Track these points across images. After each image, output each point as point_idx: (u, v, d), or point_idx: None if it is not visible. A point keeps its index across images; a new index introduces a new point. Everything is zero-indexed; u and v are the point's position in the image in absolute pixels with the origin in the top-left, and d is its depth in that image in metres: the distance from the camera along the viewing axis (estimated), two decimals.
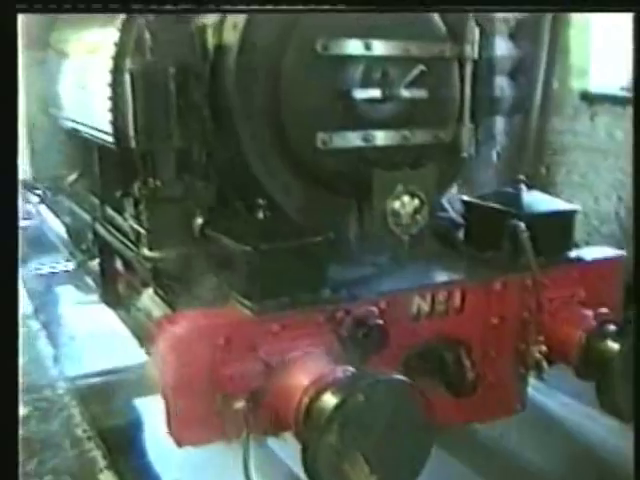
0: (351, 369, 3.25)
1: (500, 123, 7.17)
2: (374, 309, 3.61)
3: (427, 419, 3.14)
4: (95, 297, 5.83)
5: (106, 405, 5.14)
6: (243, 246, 3.52)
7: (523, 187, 4.32)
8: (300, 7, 3.15)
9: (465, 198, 4.47)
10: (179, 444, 3.38)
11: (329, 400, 3.02)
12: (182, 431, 3.35)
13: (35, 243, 8.68)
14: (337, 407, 2.97)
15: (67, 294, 7.61)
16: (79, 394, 5.06)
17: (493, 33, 6.63)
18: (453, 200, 4.65)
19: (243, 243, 3.54)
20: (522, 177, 4.39)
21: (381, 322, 3.58)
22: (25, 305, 6.46)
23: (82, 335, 6.57)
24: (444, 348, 3.85)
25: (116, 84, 4.38)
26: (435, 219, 4.22)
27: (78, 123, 5.47)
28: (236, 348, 3.32)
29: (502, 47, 6.97)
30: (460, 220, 4.53)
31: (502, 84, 7.04)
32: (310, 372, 3.23)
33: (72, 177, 6.10)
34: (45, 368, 5.33)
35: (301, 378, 3.21)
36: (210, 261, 3.80)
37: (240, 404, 3.25)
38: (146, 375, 4.27)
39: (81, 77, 5.31)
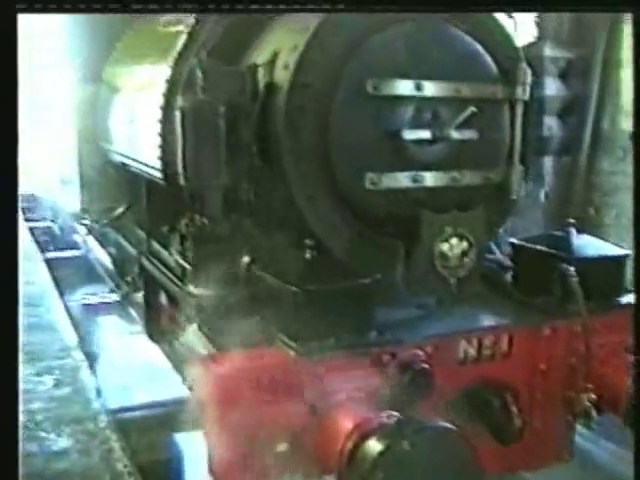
0: (396, 414, 3.20)
1: (548, 163, 7.12)
2: (420, 353, 3.56)
3: (473, 467, 3.08)
4: (139, 328, 5.85)
5: (147, 439, 5.16)
6: (289, 286, 3.51)
7: (573, 230, 4.26)
8: (299, 7, 3.18)
9: (513, 240, 4.41)
10: None
11: (374, 446, 2.98)
12: (223, 471, 3.32)
13: (81, 273, 8.80)
14: (382, 453, 2.92)
15: (111, 325, 7.66)
16: (120, 427, 5.06)
17: (543, 73, 6.63)
18: (501, 242, 4.59)
19: (289, 283, 3.53)
20: (571, 220, 4.33)
21: (427, 366, 3.52)
22: (70, 336, 6.53)
23: (125, 367, 6.58)
24: (490, 393, 3.78)
25: (166, 121, 4.43)
26: (482, 261, 4.16)
27: (127, 157, 5.53)
28: (280, 390, 3.29)
29: (552, 87, 6.95)
30: (508, 262, 4.48)
31: (551, 124, 7.01)
32: (354, 416, 3.19)
33: (120, 210, 6.16)
34: (87, 400, 5.32)
35: (345, 422, 3.18)
36: (255, 300, 3.79)
37: (283, 447, 3.22)
38: (188, 411, 4.26)
39: (131, 112, 5.37)
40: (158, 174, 4.64)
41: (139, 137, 5.08)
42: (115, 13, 4.72)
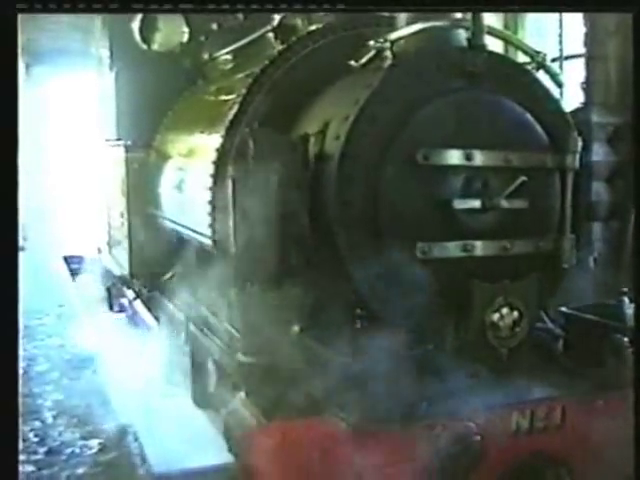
0: None
1: (597, 229, 7.06)
2: (472, 425, 3.51)
3: None
4: (183, 393, 5.84)
5: None
6: (340, 356, 3.49)
7: (625, 299, 4.20)
8: (299, 7, 3.23)
9: (565, 310, 4.36)
10: None
11: None
12: None
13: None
14: None
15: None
16: None
17: (591, 139, 6.62)
18: (551, 310, 4.54)
19: (340, 353, 3.51)
20: (624, 289, 4.27)
21: (479, 438, 3.48)
22: (115, 399, 6.49)
23: (169, 432, 6.58)
24: (544, 467, 3.71)
25: (216, 189, 4.48)
26: (534, 331, 4.11)
27: (177, 224, 5.60)
28: (331, 462, 3.26)
29: (600, 153, 6.93)
30: (559, 332, 4.41)
31: (599, 189, 6.97)
32: None
33: (168, 275, 6.20)
34: (133, 465, 5.25)
35: None
36: (305, 370, 3.78)
37: None
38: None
39: (181, 179, 5.45)
40: (208, 241, 4.69)
41: (189, 204, 5.14)
42: (115, 13, 4.84)
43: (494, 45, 4.32)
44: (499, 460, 3.58)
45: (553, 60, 10.97)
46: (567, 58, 10.57)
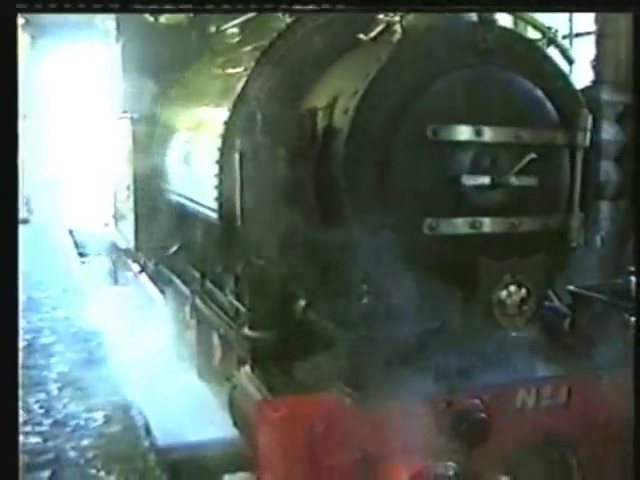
0: (452, 465, 3.16)
1: (605, 207, 7.03)
2: (477, 402, 3.51)
3: None
4: (188, 367, 5.85)
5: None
6: (345, 332, 3.49)
7: (632, 278, 4.18)
8: (299, 7, 3.23)
9: (572, 288, 4.35)
10: None
11: None
12: None
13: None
14: None
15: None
16: (169, 466, 5.03)
17: (601, 118, 6.57)
18: (558, 289, 4.53)
19: (345, 328, 3.52)
20: (631, 268, 4.26)
21: (484, 415, 3.48)
22: (121, 372, 6.56)
23: (174, 405, 6.60)
24: (549, 446, 3.70)
25: (224, 162, 4.47)
26: (541, 309, 4.10)
27: (183, 197, 5.59)
28: (335, 436, 3.26)
29: (609, 132, 6.89)
30: (565, 310, 4.40)
31: (608, 169, 6.93)
32: (410, 466, 3.16)
33: (174, 249, 6.21)
34: (137, 438, 5.34)
35: (401, 472, 3.14)
36: (310, 344, 3.78)
37: None
38: (238, 453, 4.24)
39: (188, 152, 5.44)
40: (214, 215, 4.68)
41: (196, 177, 5.14)
42: (115, 13, 4.80)
43: (504, 20, 4.28)
44: (504, 438, 3.59)
45: (563, 37, 10.92)
46: (577, 35, 10.60)
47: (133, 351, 7.00)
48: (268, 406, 3.39)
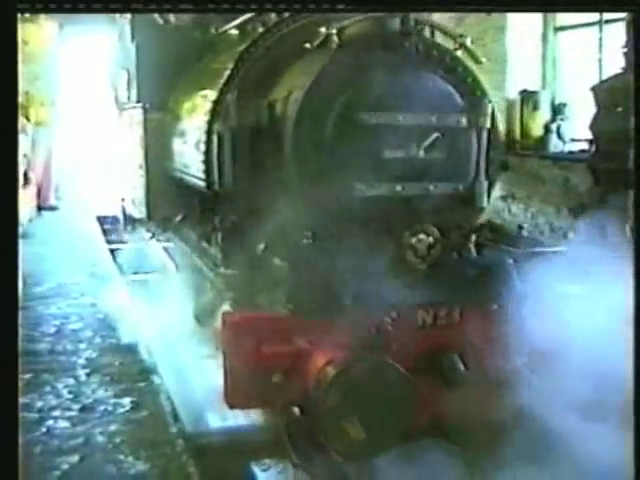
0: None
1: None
2: (387, 318, 4.71)
3: (408, 397, 4.26)
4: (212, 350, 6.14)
5: (224, 466, 5.17)
6: (292, 268, 4.73)
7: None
8: (299, 7, 3.58)
9: (479, 240, 5.49)
10: (231, 407, 4.58)
11: (331, 371, 4.19)
12: (234, 397, 4.53)
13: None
14: (337, 375, 4.14)
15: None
16: (197, 452, 5.01)
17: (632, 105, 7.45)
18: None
19: (291, 264, 4.73)
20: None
21: (391, 328, 4.67)
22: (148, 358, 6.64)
23: (200, 390, 6.43)
24: (441, 354, 4.74)
25: (209, 142, 5.69)
26: (449, 255, 5.23)
27: (182, 172, 6.74)
28: (277, 336, 4.48)
29: None
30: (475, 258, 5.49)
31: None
32: (327, 356, 4.36)
33: (178, 217, 7.35)
34: (165, 424, 5.29)
35: (320, 359, 4.36)
36: (268, 277, 4.99)
37: (277, 377, 4.42)
38: (266, 440, 5.16)
39: (185, 135, 6.60)
40: (203, 184, 5.86)
41: (190, 155, 6.30)
42: (115, 13, 5.29)
43: (425, 31, 5.40)
44: (407, 347, 4.67)
45: (592, 24, 11.54)
46: (607, 22, 11.07)
47: (158, 335, 7.25)
48: (229, 316, 4.64)
